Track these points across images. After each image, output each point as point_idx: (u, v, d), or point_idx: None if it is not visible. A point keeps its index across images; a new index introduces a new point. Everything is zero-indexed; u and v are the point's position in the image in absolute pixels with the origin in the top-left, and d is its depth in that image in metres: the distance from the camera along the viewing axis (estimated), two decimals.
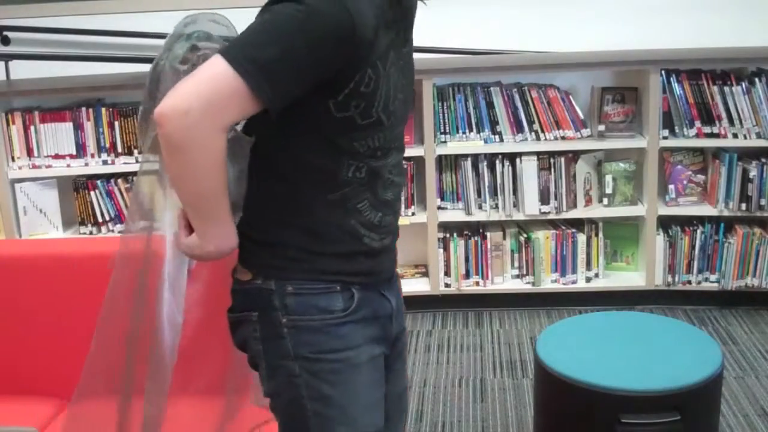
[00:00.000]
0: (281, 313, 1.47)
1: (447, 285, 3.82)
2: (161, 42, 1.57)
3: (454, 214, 3.77)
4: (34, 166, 3.71)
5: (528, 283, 3.81)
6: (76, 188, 3.78)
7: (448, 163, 3.76)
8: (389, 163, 1.49)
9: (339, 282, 1.47)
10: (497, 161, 3.70)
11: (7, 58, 3.84)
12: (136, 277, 1.67)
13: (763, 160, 3.58)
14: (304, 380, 1.47)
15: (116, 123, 3.70)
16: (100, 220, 3.78)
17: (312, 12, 1.29)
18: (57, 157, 3.71)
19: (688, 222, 3.73)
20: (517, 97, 3.69)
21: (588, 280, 3.80)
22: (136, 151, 3.72)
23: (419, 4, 1.55)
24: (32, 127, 3.68)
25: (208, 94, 1.30)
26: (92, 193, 3.76)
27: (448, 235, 3.79)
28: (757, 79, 3.51)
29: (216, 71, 1.31)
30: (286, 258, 1.46)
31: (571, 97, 3.71)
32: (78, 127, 3.71)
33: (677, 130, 3.63)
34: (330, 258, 1.46)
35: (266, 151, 1.46)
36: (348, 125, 1.40)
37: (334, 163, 1.43)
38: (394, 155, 1.50)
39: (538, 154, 3.68)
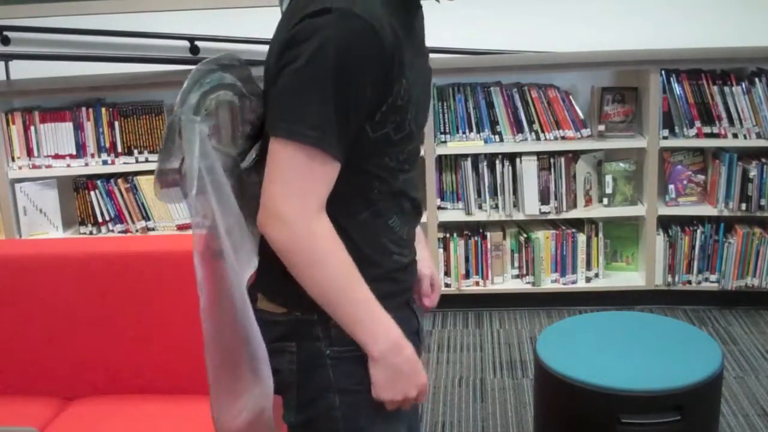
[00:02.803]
0: (324, 344, 1.42)
1: (447, 285, 3.82)
2: (161, 42, 1.58)
3: (454, 214, 3.77)
4: (34, 166, 3.71)
5: (528, 283, 3.81)
6: (76, 188, 3.78)
7: (448, 163, 3.76)
8: (413, 176, 1.47)
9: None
10: (497, 161, 3.70)
11: (7, 58, 3.84)
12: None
13: (763, 160, 3.58)
14: (342, 413, 1.44)
15: (116, 123, 3.70)
16: (100, 220, 3.78)
17: (342, 50, 1.25)
18: (57, 157, 3.72)
19: (688, 222, 3.73)
20: (517, 97, 3.69)
21: (588, 280, 3.80)
22: (135, 151, 3.72)
23: (433, 3, 1.53)
24: (32, 127, 3.68)
25: (289, 187, 1.29)
26: (92, 193, 3.76)
27: (448, 235, 3.79)
28: (757, 79, 3.51)
29: (284, 160, 1.29)
30: None
31: (571, 97, 3.71)
32: (78, 127, 3.71)
33: (677, 130, 3.63)
34: (370, 284, 1.38)
35: None
36: (382, 143, 1.37)
37: (363, 184, 1.40)
38: (416, 167, 1.48)
39: (538, 154, 3.68)
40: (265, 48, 1.56)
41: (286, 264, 1.33)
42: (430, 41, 1.55)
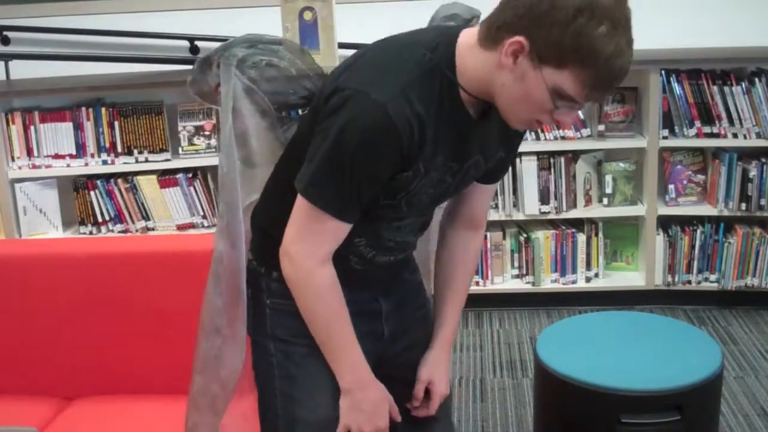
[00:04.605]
0: (265, 295, 1.63)
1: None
2: (161, 42, 1.62)
3: None
4: (34, 166, 3.71)
5: (528, 283, 3.81)
6: (75, 188, 3.78)
7: None
8: (405, 224, 1.61)
9: None
10: None
11: (7, 58, 3.84)
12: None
13: (763, 160, 3.58)
14: (277, 360, 1.63)
15: (116, 123, 3.70)
16: (99, 220, 3.77)
17: (359, 136, 1.38)
18: (57, 157, 3.71)
19: (688, 222, 3.73)
20: None
21: (588, 280, 3.80)
22: (135, 151, 3.72)
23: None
24: (32, 127, 3.68)
25: (303, 235, 1.49)
26: (92, 193, 3.75)
27: None
28: (757, 79, 3.51)
29: (304, 213, 1.48)
30: (278, 250, 1.55)
31: None
32: (78, 127, 3.70)
33: (677, 130, 3.63)
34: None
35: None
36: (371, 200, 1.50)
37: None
38: (406, 228, 1.62)
39: (538, 154, 3.68)
40: None
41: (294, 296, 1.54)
42: None
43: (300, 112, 1.71)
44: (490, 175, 1.69)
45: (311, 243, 1.49)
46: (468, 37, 1.44)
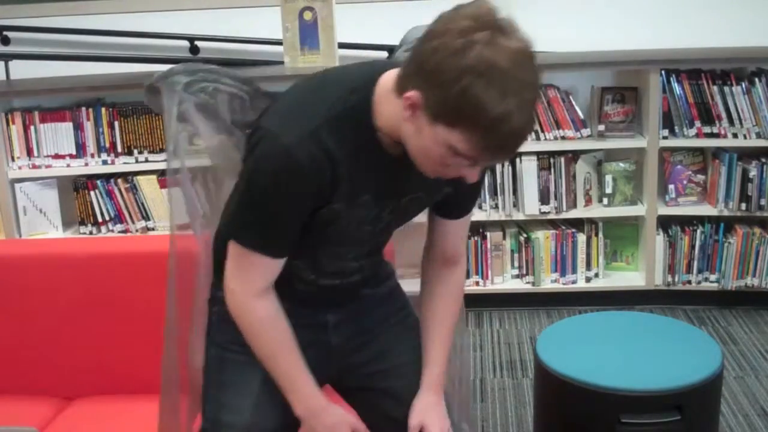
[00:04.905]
0: (214, 302, 1.72)
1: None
2: (161, 42, 1.64)
3: None
4: (34, 166, 3.71)
5: (528, 283, 3.81)
6: (75, 188, 3.78)
7: None
8: (334, 258, 1.64)
9: None
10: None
11: (7, 58, 3.84)
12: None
13: (763, 160, 3.58)
14: (213, 363, 1.71)
15: (116, 123, 3.70)
16: (99, 220, 3.77)
17: (270, 176, 1.43)
18: (57, 157, 3.71)
19: (688, 222, 3.73)
20: None
21: (588, 280, 3.80)
22: (135, 151, 3.72)
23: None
24: (32, 127, 3.68)
25: (237, 271, 1.55)
26: (92, 193, 3.75)
27: None
28: (757, 79, 3.51)
29: (234, 249, 1.53)
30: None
31: (571, 97, 3.70)
32: (78, 127, 3.70)
33: (677, 130, 3.63)
34: None
35: None
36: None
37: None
38: (347, 255, 1.65)
39: (538, 154, 3.68)
40: (265, 48, 1.66)
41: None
42: None
43: None
44: (453, 211, 1.67)
45: (245, 280, 1.54)
46: (388, 79, 1.43)
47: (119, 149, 3.72)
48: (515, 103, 1.26)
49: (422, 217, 1.72)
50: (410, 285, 4.09)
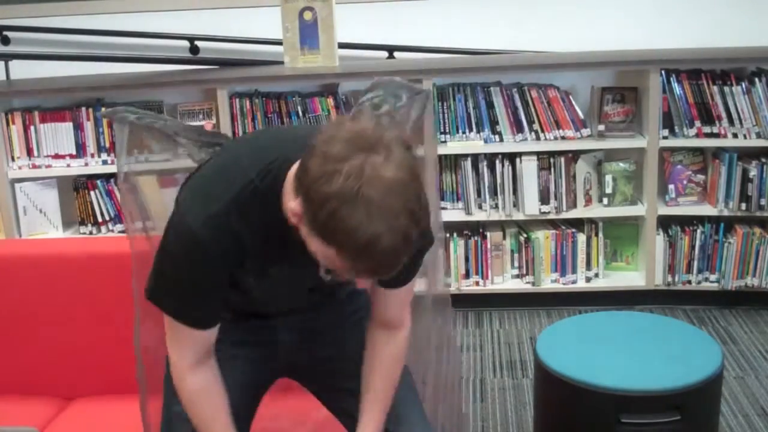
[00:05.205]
0: None
1: (447, 285, 3.82)
2: (161, 42, 1.65)
3: (454, 213, 3.77)
4: (34, 166, 3.71)
5: (528, 283, 3.81)
6: (75, 188, 3.78)
7: (448, 163, 3.76)
8: (267, 299, 1.69)
9: None
10: (497, 161, 3.70)
11: (7, 58, 3.84)
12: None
13: (763, 160, 3.58)
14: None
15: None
16: (99, 219, 3.77)
17: (178, 255, 1.49)
18: (57, 157, 3.71)
19: (688, 222, 3.73)
20: (517, 97, 3.69)
21: (588, 280, 3.80)
22: (135, 151, 3.71)
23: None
24: (32, 127, 3.68)
25: (170, 340, 1.59)
26: (92, 192, 3.76)
27: (448, 235, 3.79)
28: (757, 79, 3.51)
29: (166, 318, 1.57)
30: None
31: (571, 97, 3.70)
32: (78, 127, 3.71)
33: (677, 130, 3.63)
34: None
35: None
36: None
37: None
38: (281, 297, 1.69)
39: (538, 154, 3.68)
40: (265, 48, 1.65)
41: None
42: (430, 41, 1.56)
43: None
44: (390, 282, 1.63)
45: (178, 348, 1.58)
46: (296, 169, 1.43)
47: None
48: (384, 229, 1.26)
49: None
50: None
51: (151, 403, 1.89)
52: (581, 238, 3.76)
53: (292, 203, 1.34)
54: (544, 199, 3.71)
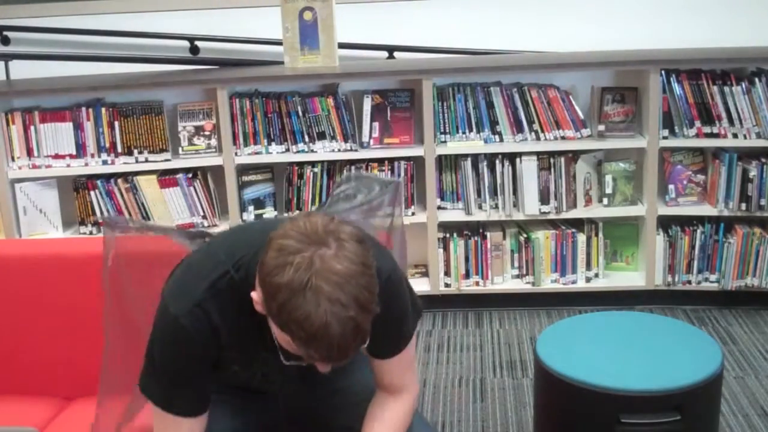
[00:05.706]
0: None
1: (447, 285, 3.82)
2: (161, 42, 1.63)
3: (454, 214, 3.77)
4: (34, 166, 3.71)
5: (528, 283, 3.81)
6: (75, 188, 3.78)
7: (448, 163, 3.76)
8: (257, 383, 1.73)
9: None
10: (497, 161, 3.70)
11: (7, 58, 3.84)
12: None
13: (763, 160, 3.58)
14: None
15: (116, 123, 3.70)
16: (99, 220, 3.77)
17: (164, 344, 1.54)
18: (57, 157, 3.71)
19: (688, 222, 3.73)
20: (517, 97, 3.69)
21: (588, 280, 3.80)
22: (135, 151, 3.72)
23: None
24: (32, 127, 3.68)
25: (157, 428, 1.61)
26: (92, 193, 3.76)
27: (448, 235, 3.79)
28: (757, 79, 3.51)
29: (154, 411, 1.59)
30: None
31: (571, 97, 3.71)
32: (78, 127, 3.70)
33: (677, 130, 3.63)
34: None
35: None
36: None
37: None
38: (274, 383, 1.73)
39: (538, 154, 3.68)
40: (265, 48, 1.65)
41: None
42: (430, 41, 1.56)
43: None
44: (379, 354, 1.67)
45: None
46: None
47: (119, 149, 3.72)
48: (332, 319, 1.30)
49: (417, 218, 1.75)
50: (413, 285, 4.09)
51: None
52: (581, 238, 3.76)
53: (254, 293, 1.42)
54: (544, 199, 3.71)
